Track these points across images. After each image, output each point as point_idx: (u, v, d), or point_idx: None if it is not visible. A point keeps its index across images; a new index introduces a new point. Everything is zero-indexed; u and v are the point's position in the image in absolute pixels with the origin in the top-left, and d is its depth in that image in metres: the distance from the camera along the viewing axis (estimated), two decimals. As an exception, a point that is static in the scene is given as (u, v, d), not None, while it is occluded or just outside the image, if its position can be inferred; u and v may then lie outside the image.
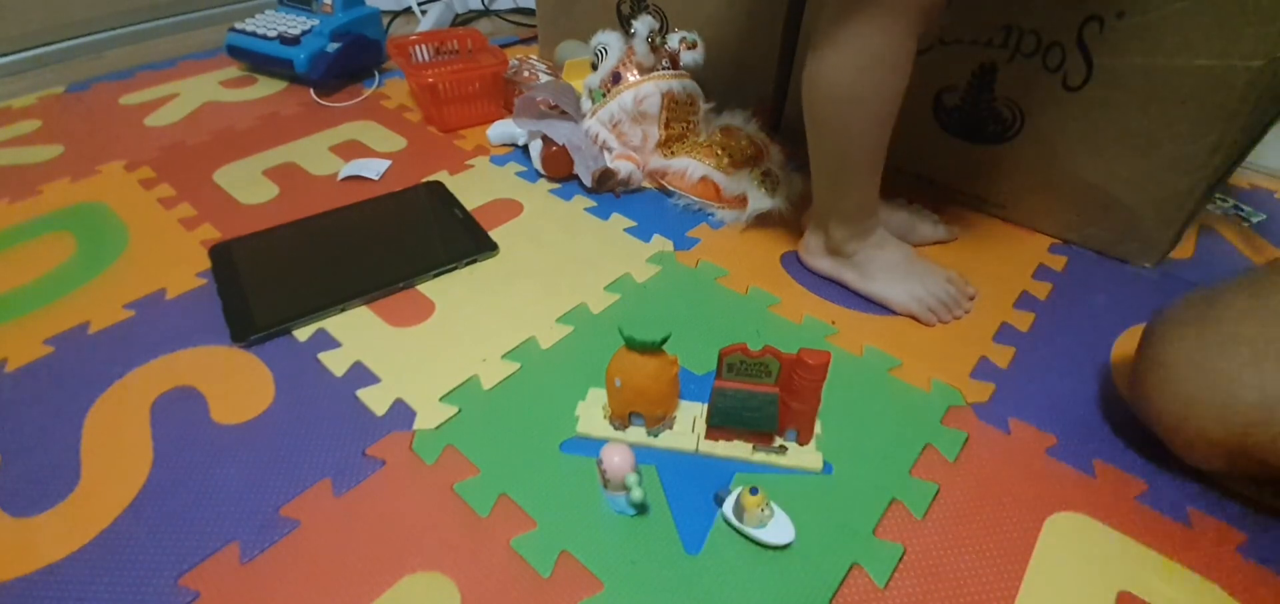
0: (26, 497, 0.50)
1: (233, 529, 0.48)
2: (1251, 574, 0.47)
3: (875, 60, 0.56)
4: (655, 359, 0.51)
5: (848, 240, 0.68)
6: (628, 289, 0.71)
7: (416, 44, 1.10)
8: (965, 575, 0.46)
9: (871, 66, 0.57)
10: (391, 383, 0.59)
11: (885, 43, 0.55)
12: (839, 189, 0.66)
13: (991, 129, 0.80)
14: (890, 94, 0.58)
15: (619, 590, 0.45)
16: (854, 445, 0.55)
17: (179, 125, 1.02)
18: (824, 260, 0.71)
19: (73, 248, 0.76)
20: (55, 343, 0.63)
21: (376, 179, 0.89)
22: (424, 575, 0.45)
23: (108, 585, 0.45)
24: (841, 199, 0.66)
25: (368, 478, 0.51)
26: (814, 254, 0.72)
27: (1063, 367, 0.63)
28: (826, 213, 0.68)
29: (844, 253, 0.69)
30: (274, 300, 0.67)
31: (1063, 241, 0.80)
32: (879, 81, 0.57)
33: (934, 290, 0.67)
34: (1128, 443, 0.56)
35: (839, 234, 0.68)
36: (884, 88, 0.58)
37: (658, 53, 0.86)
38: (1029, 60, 0.74)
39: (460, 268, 0.73)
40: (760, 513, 0.47)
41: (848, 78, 0.58)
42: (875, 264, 0.68)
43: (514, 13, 1.51)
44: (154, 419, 0.56)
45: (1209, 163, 0.67)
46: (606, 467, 0.47)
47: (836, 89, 0.59)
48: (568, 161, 0.87)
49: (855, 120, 0.60)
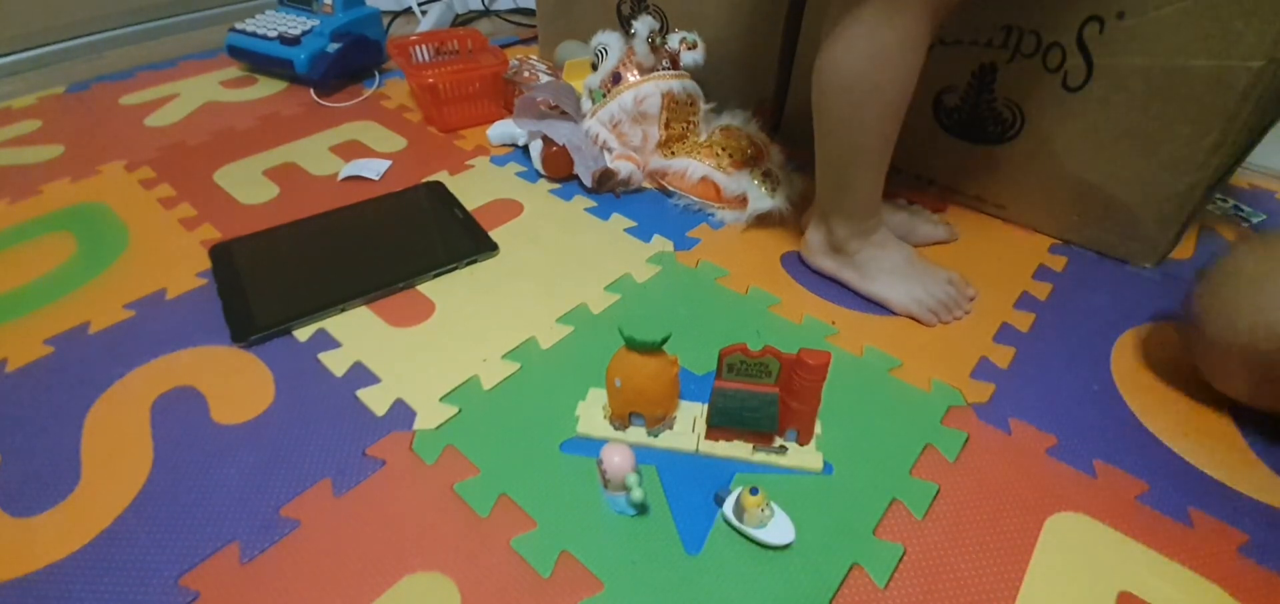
0: (26, 497, 0.50)
1: (233, 529, 0.48)
2: (1252, 574, 0.47)
3: (888, 47, 0.56)
4: (655, 359, 0.51)
5: (850, 238, 0.68)
6: (628, 289, 0.71)
7: (417, 44, 1.10)
8: (966, 576, 0.46)
9: (884, 54, 0.56)
10: (391, 383, 0.59)
11: (899, 28, 0.55)
12: (844, 184, 0.65)
13: (991, 129, 0.80)
14: (903, 83, 0.58)
15: (619, 591, 0.45)
16: (854, 446, 0.55)
17: (179, 125, 1.02)
18: (826, 259, 0.71)
19: (73, 248, 0.76)
20: (55, 343, 0.63)
21: (377, 179, 0.89)
22: (424, 575, 0.45)
23: (108, 585, 0.45)
24: (846, 195, 0.66)
25: (368, 478, 0.51)
26: (816, 252, 0.72)
27: (1063, 367, 0.63)
28: (830, 209, 0.68)
29: (846, 251, 0.69)
30: (274, 300, 0.67)
31: (1063, 242, 0.80)
32: (892, 69, 0.57)
33: (934, 291, 0.67)
34: (1128, 443, 0.56)
35: (842, 232, 0.68)
36: (897, 76, 0.57)
37: (658, 53, 0.86)
38: (1029, 60, 0.74)
39: (460, 268, 0.73)
40: (760, 513, 0.47)
41: (861, 66, 0.57)
42: (876, 264, 0.68)
43: (514, 13, 1.51)
44: (154, 419, 0.56)
45: (1209, 163, 0.67)
46: (606, 467, 0.47)
47: (848, 78, 0.59)
48: (568, 162, 0.87)
49: (866, 110, 0.60)
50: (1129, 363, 0.64)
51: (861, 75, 0.58)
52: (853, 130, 0.62)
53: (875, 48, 0.56)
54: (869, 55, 0.57)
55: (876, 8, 0.55)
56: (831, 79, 0.60)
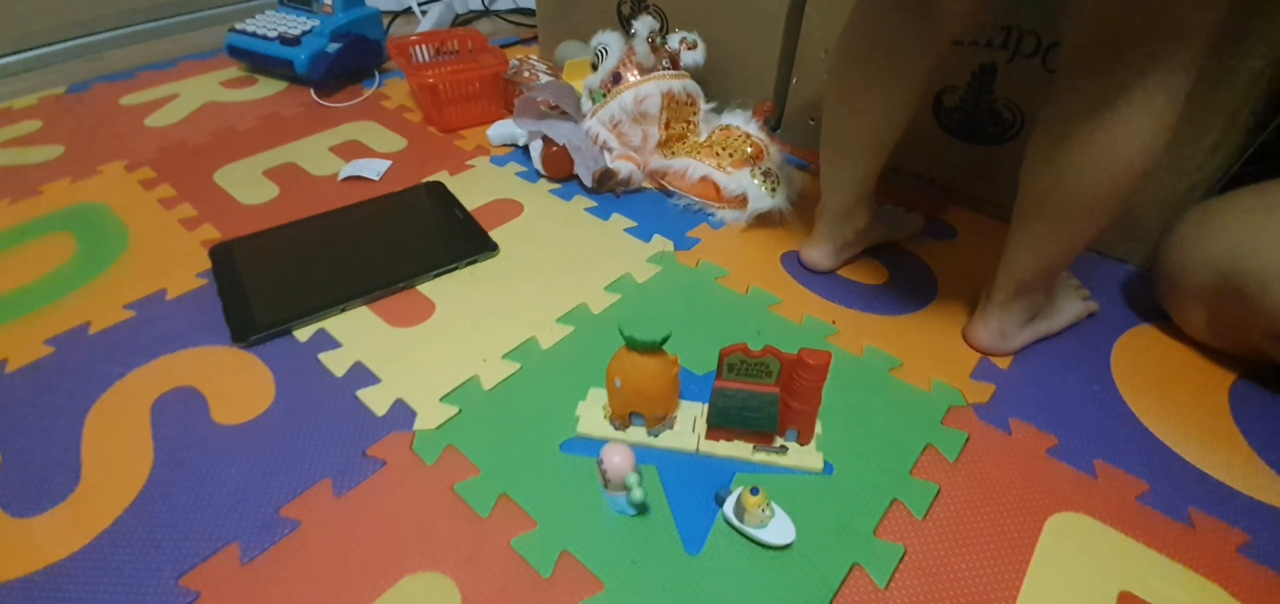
0: (27, 497, 0.50)
1: (233, 529, 0.48)
2: (1252, 574, 0.47)
3: (1163, 127, 0.49)
4: (655, 359, 0.51)
5: (1053, 293, 0.65)
6: (628, 289, 0.71)
7: (417, 44, 1.10)
8: (966, 576, 0.46)
9: (1162, 137, 0.49)
10: (392, 383, 0.59)
11: (1171, 99, 0.48)
12: (1071, 257, 0.58)
13: (991, 129, 0.80)
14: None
15: (619, 591, 0.45)
16: (855, 446, 0.55)
17: (179, 126, 1.02)
18: (1025, 332, 0.64)
19: (73, 248, 0.76)
20: (56, 343, 0.63)
21: (377, 179, 0.89)
22: (424, 575, 0.45)
23: (108, 586, 0.45)
24: (1068, 261, 0.59)
25: (368, 478, 0.51)
26: (1012, 337, 0.64)
27: (1063, 367, 0.63)
28: (1035, 285, 0.61)
29: (1049, 308, 0.65)
30: (274, 300, 0.67)
31: (1063, 242, 0.80)
32: (1165, 145, 0.50)
33: (1070, 288, 0.69)
34: (1128, 443, 0.56)
35: (1044, 296, 0.63)
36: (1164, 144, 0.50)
37: (658, 53, 0.86)
38: (1029, 60, 0.74)
39: (460, 268, 0.73)
40: (761, 513, 0.47)
41: (1135, 161, 0.50)
42: (1057, 298, 0.66)
43: (514, 13, 1.51)
44: (154, 419, 0.56)
45: (1209, 163, 0.67)
46: (607, 467, 0.46)
47: (1118, 176, 0.50)
48: (568, 162, 0.87)
49: (1133, 193, 0.52)
50: (1129, 363, 0.64)
51: (1143, 165, 0.50)
52: (1115, 215, 0.54)
53: (1155, 128, 0.48)
54: (1143, 148, 0.49)
55: (1150, 83, 0.47)
56: (1093, 183, 0.51)
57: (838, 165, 0.67)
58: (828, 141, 0.67)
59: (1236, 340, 0.62)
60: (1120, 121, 0.48)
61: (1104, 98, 0.49)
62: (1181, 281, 0.63)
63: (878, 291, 0.72)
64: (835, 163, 0.67)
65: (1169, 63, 0.46)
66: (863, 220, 0.71)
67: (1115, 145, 0.49)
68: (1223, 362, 0.64)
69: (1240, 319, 0.59)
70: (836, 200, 0.70)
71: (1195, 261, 0.61)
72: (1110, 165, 0.50)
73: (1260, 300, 0.56)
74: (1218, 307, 0.61)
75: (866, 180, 0.67)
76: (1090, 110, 0.49)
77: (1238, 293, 0.58)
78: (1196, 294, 0.62)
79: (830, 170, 0.68)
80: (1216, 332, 0.63)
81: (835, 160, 0.67)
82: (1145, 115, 0.48)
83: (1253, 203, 0.60)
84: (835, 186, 0.69)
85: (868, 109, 0.61)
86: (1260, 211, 0.58)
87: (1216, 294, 0.60)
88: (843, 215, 0.70)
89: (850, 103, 0.62)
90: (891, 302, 0.70)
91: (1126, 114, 0.48)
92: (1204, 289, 0.61)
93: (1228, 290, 0.59)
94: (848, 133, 0.64)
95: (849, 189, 0.68)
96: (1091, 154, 0.50)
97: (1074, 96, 0.51)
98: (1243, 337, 0.61)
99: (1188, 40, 0.45)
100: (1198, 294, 0.62)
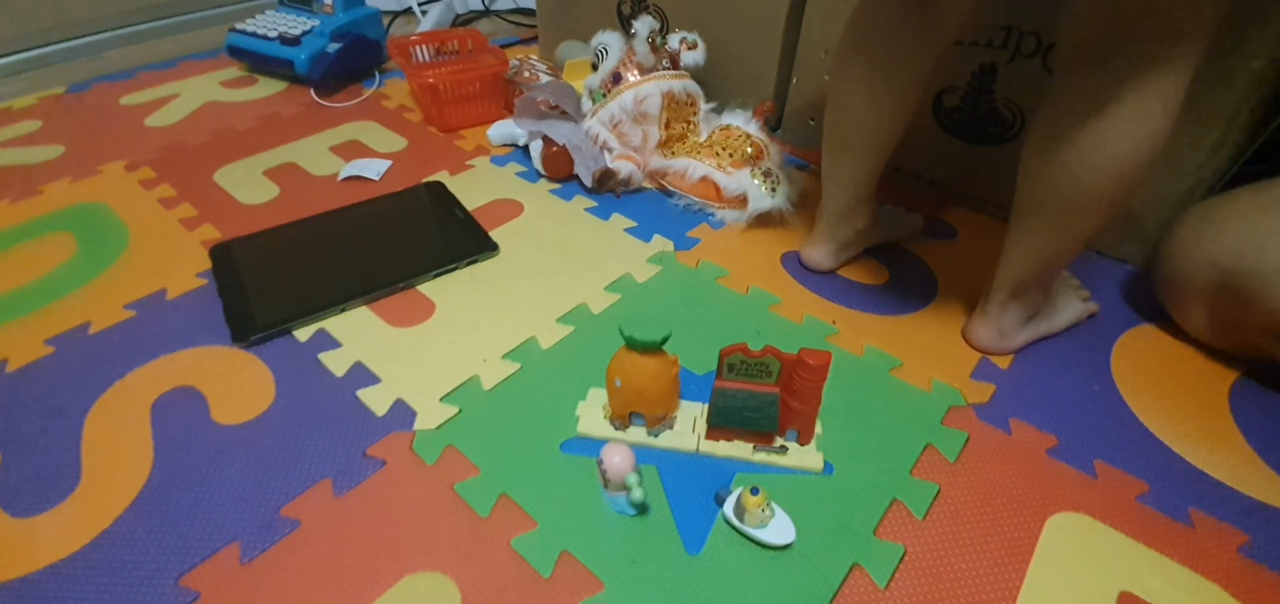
0: (27, 497, 0.50)
1: (233, 529, 0.48)
2: (1252, 574, 0.47)
3: (1161, 127, 0.49)
4: (655, 359, 0.51)
5: (1053, 292, 0.65)
6: (628, 289, 0.71)
7: (417, 44, 1.10)
8: (966, 576, 0.46)
9: (1161, 134, 0.49)
10: (392, 383, 0.59)
11: (1168, 93, 0.48)
12: (1071, 256, 0.59)
13: (991, 129, 0.80)
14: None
15: (619, 590, 0.45)
16: (855, 446, 0.55)
17: (179, 125, 1.02)
18: (1025, 332, 0.64)
19: (73, 248, 0.76)
20: (56, 343, 0.63)
21: (377, 179, 0.89)
22: (424, 575, 0.45)
23: (108, 585, 0.45)
24: (1068, 260, 0.59)
25: (368, 478, 0.51)
26: (1010, 336, 0.64)
27: (1063, 367, 0.63)
28: (1033, 285, 0.61)
29: (1048, 308, 0.65)
30: (274, 300, 0.67)
31: (1063, 242, 0.80)
32: (1165, 138, 0.49)
33: (1070, 289, 0.69)
34: (1128, 443, 0.56)
35: (1041, 295, 0.63)
36: (1164, 141, 0.50)
37: (658, 53, 0.86)
38: (1029, 60, 0.74)
39: (460, 268, 0.73)
40: (761, 513, 0.47)
41: (1135, 155, 0.49)
42: (1057, 297, 0.66)
43: (514, 13, 1.51)
44: (154, 419, 0.56)
45: (1209, 163, 0.67)
46: (607, 467, 0.46)
47: (1120, 170, 0.50)
48: (568, 162, 0.87)
49: (1134, 189, 0.52)
50: (1129, 363, 0.64)
51: (1137, 164, 0.49)
52: (1111, 214, 0.54)
53: (1150, 129, 0.48)
54: (1140, 147, 0.49)
55: (1146, 83, 0.47)
56: (1088, 182, 0.51)
57: (838, 165, 0.67)
58: (828, 141, 0.67)
59: (1237, 340, 0.62)
60: (1116, 120, 0.48)
61: (1100, 96, 0.49)
62: (1182, 281, 0.63)
63: (878, 291, 0.72)
64: (836, 162, 0.67)
65: (1166, 63, 0.46)
66: (863, 220, 0.71)
67: (1111, 144, 0.49)
68: (1223, 361, 0.64)
69: (1240, 318, 0.59)
70: (837, 200, 0.70)
71: (1195, 261, 0.61)
72: (1106, 164, 0.50)
73: (1260, 299, 0.56)
74: (1218, 306, 0.61)
75: (867, 180, 0.67)
76: (1086, 109, 0.50)
77: (1238, 292, 0.58)
78: (1197, 293, 0.62)
79: (831, 170, 0.68)
80: (1217, 331, 0.63)
81: (836, 160, 0.67)
82: (1142, 114, 0.48)
83: (1253, 202, 0.60)
84: (835, 186, 0.69)
85: (868, 108, 0.61)
86: (1260, 211, 0.58)
87: (1217, 293, 0.60)
88: (843, 215, 0.70)
89: (851, 102, 0.62)
90: (891, 301, 0.70)
91: (1123, 113, 0.48)
92: (1204, 288, 0.61)
93: (1228, 289, 0.59)
94: (848, 132, 0.64)
95: (849, 189, 0.68)
96: (1088, 153, 0.50)
97: (1071, 95, 0.51)
98: (1243, 336, 0.61)
99: (1184, 40, 0.45)
100: (1198, 293, 0.62)
